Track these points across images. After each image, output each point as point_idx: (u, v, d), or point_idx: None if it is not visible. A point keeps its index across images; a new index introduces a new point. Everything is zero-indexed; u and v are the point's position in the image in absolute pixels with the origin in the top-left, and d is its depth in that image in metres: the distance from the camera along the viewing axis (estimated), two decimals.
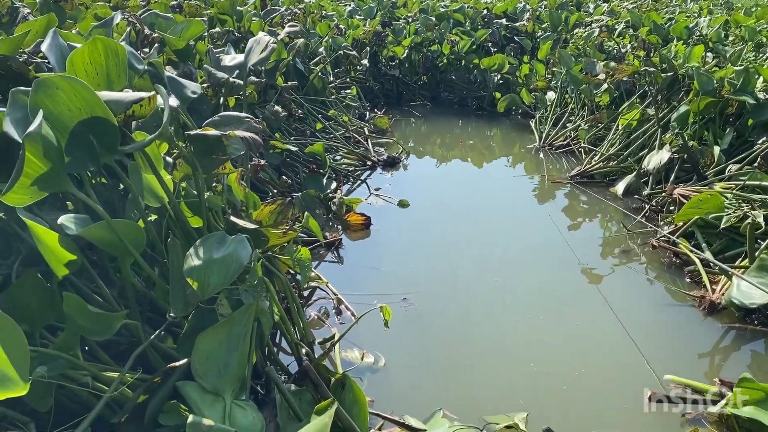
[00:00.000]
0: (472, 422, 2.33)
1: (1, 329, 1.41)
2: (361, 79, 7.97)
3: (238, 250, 1.88)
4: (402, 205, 4.63)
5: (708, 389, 2.56)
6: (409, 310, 3.19)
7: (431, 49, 8.06)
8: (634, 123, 5.45)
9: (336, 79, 7.29)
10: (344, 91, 7.19)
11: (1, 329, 1.41)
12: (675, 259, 3.80)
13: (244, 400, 1.89)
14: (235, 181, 2.41)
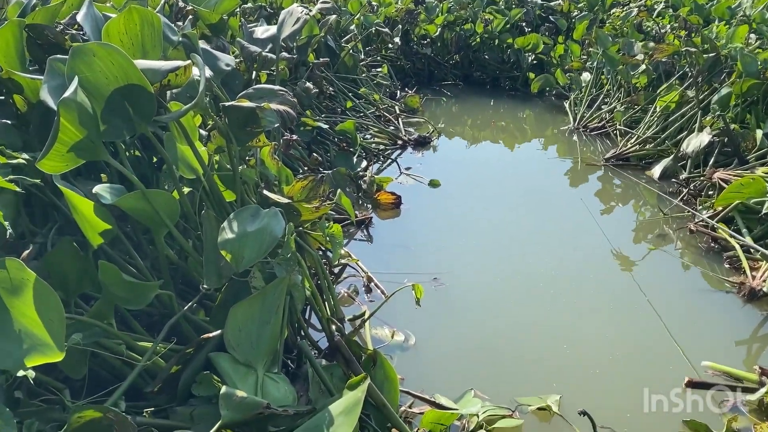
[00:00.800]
0: (503, 403, 2.30)
1: (38, 295, 1.41)
2: (393, 58, 7.90)
3: (272, 223, 1.86)
4: (433, 185, 4.58)
5: (747, 377, 2.50)
6: (439, 290, 3.16)
7: (464, 27, 7.93)
8: (672, 105, 5.31)
9: (367, 58, 7.22)
10: (375, 69, 7.13)
11: (38, 295, 1.41)
12: (713, 244, 3.70)
13: (276, 373, 1.89)
14: (269, 155, 2.39)
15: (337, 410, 1.67)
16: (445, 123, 6.65)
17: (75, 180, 2.05)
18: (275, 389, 1.82)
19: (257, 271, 1.93)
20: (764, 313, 3.03)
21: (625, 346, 2.78)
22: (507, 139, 6.33)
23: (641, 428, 2.23)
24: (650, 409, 2.38)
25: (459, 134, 6.47)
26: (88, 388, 1.79)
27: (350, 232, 3.82)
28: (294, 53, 4.71)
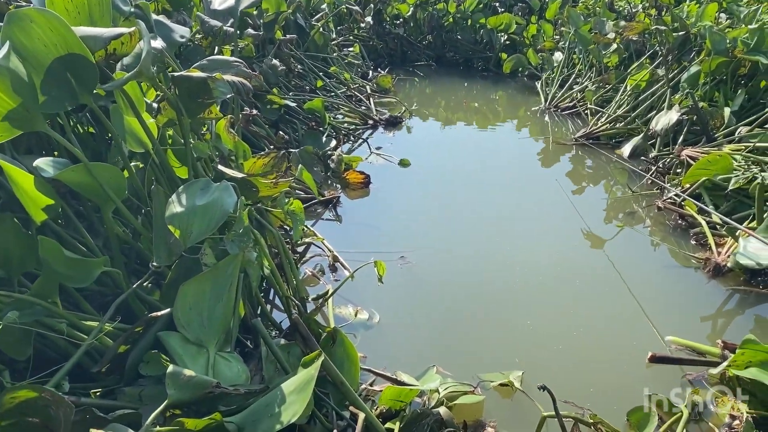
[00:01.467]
0: (466, 380, 2.27)
1: None
2: (365, 38, 7.80)
3: (223, 197, 1.80)
4: (403, 164, 4.53)
5: (710, 351, 2.50)
6: (406, 269, 3.12)
7: (437, 7, 7.86)
8: (642, 84, 5.31)
9: (338, 37, 7.12)
10: (347, 49, 7.03)
11: None
12: (681, 221, 3.70)
13: (229, 352, 1.83)
14: (224, 129, 2.31)
15: (289, 388, 1.63)
16: (417, 104, 6.59)
17: (24, 157, 1.96)
18: (227, 368, 1.76)
19: (208, 248, 1.86)
20: (728, 289, 3.04)
21: (590, 322, 2.77)
22: (479, 120, 6.29)
23: (604, 402, 2.21)
24: (614, 383, 2.37)
25: (432, 115, 6.42)
26: (38, 369, 1.72)
27: (318, 212, 3.76)
28: (260, 30, 4.61)
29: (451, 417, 1.98)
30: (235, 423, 1.57)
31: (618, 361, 2.51)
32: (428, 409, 1.94)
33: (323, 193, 3.68)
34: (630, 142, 4.86)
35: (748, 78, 4.80)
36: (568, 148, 5.12)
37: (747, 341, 2.17)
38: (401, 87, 7.00)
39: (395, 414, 1.98)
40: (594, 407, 2.15)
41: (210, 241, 1.89)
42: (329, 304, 2.58)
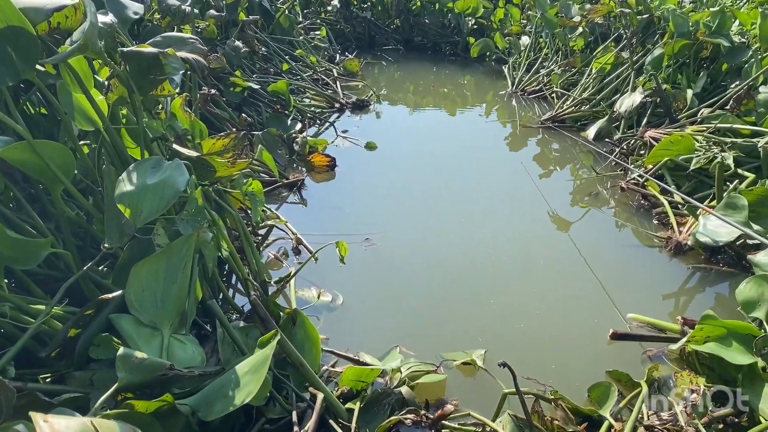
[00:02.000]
0: (429, 360, 2.26)
1: None
2: (332, 21, 7.71)
3: (174, 175, 1.74)
4: (369, 147, 4.49)
5: (671, 328, 2.52)
6: (371, 251, 3.09)
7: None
8: (607, 67, 5.34)
9: (305, 21, 7.03)
10: (313, 32, 6.94)
11: None
12: (644, 201, 3.74)
13: (184, 335, 1.79)
14: (180, 108, 2.25)
15: (244, 369, 1.59)
16: (386, 89, 6.54)
17: None
18: (182, 351, 1.72)
19: (161, 228, 1.81)
20: (689, 267, 3.08)
21: (552, 301, 2.78)
22: (447, 104, 6.27)
23: (565, 379, 2.22)
24: (576, 360, 2.38)
25: (399, 99, 6.38)
26: None
27: (282, 196, 3.71)
28: (223, 11, 4.52)
29: (413, 396, 1.97)
30: (188, 405, 1.54)
31: (580, 339, 2.52)
32: (390, 389, 1.93)
33: (287, 176, 3.63)
34: (595, 124, 4.89)
35: (710, 61, 4.86)
36: (534, 132, 5.13)
37: (706, 317, 2.20)
38: (369, 71, 6.94)
39: (357, 395, 1.96)
40: (555, 384, 2.16)
41: (162, 221, 1.84)
42: (291, 287, 2.55)
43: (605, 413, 1.98)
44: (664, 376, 2.27)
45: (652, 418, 1.98)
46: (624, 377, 2.18)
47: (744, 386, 2.08)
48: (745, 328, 2.18)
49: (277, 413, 1.85)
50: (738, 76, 4.56)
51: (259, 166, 3.50)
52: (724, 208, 2.70)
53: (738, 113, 4.05)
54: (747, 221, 2.60)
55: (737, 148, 3.52)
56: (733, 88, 4.31)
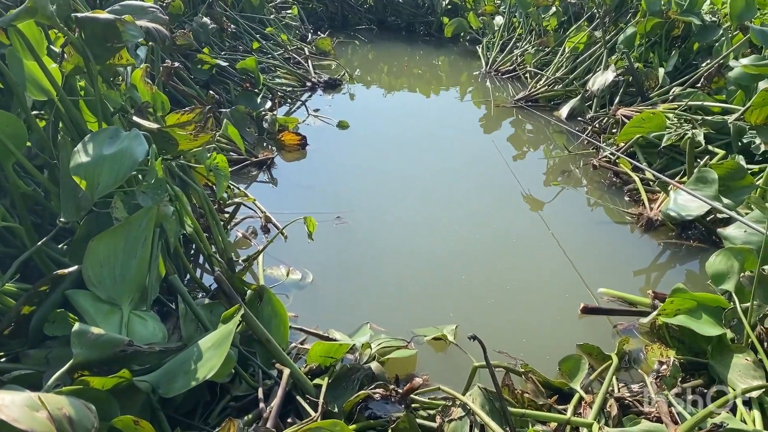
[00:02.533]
0: (400, 336, 2.23)
1: None
2: (304, 0, 7.58)
3: (133, 145, 1.68)
4: (342, 126, 4.43)
5: (641, 301, 2.53)
6: (342, 229, 3.05)
7: None
8: (580, 46, 5.33)
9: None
10: (284, 11, 6.82)
11: None
12: (615, 179, 3.75)
13: (145, 311, 1.73)
14: (141, 80, 2.17)
15: (206, 344, 1.54)
16: (359, 69, 6.46)
17: None
18: (142, 327, 1.66)
19: (119, 201, 1.74)
20: (660, 243, 3.09)
21: (524, 277, 2.77)
22: (421, 85, 6.21)
23: (536, 353, 2.21)
24: (546, 334, 2.38)
25: (372, 79, 6.31)
26: None
27: (252, 175, 3.63)
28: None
29: (383, 371, 1.93)
30: (148, 382, 1.49)
31: (551, 314, 2.51)
32: (359, 364, 1.89)
33: (256, 155, 3.55)
34: (568, 103, 4.88)
35: (681, 40, 4.87)
36: (508, 112, 5.10)
37: (676, 290, 2.20)
38: (342, 52, 6.85)
39: (325, 371, 1.91)
40: (526, 358, 2.15)
41: (121, 193, 1.77)
42: (259, 264, 2.49)
43: (576, 386, 1.97)
44: (635, 350, 2.27)
45: (622, 390, 1.98)
46: (595, 350, 2.17)
47: (713, 357, 2.09)
48: (714, 300, 2.19)
49: (243, 390, 1.81)
50: (709, 54, 4.58)
51: (227, 144, 3.43)
52: (694, 182, 2.70)
53: (709, 91, 4.07)
54: (717, 195, 2.60)
55: (708, 125, 3.53)
56: (704, 66, 4.33)
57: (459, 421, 1.72)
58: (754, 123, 3.28)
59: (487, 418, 1.67)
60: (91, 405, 1.17)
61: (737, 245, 2.34)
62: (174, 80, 3.26)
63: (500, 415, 1.73)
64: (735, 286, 2.22)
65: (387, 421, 1.73)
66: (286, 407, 1.80)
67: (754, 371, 1.94)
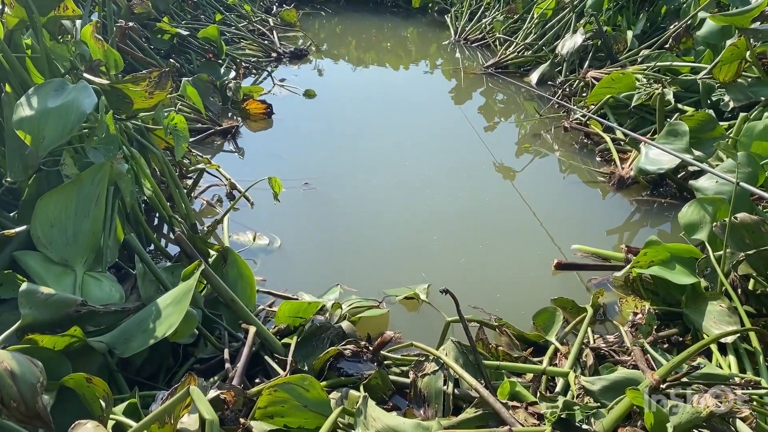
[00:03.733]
0: (372, 297, 2.18)
1: None
2: None
3: (80, 97, 1.58)
4: (308, 95, 4.33)
5: (615, 256, 2.50)
6: (311, 194, 2.97)
7: None
8: (549, 12, 5.28)
9: None
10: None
11: None
12: (587, 140, 3.72)
13: (100, 272, 1.64)
14: (91, 36, 2.06)
15: (165, 302, 1.47)
16: (327, 44, 6.31)
17: None
18: (97, 288, 1.58)
19: (68, 157, 1.65)
20: (633, 201, 3.07)
21: (497, 237, 2.73)
22: (390, 59, 6.09)
23: (511, 309, 2.17)
24: (520, 290, 2.34)
25: (341, 55, 6.17)
26: None
27: (217, 144, 3.52)
28: None
29: (354, 330, 1.87)
30: (104, 342, 1.41)
31: (525, 271, 2.48)
32: (329, 323, 1.83)
33: (220, 124, 3.44)
34: (537, 69, 4.84)
35: (649, 3, 4.84)
36: (478, 82, 5.04)
37: (650, 242, 2.17)
38: (309, 25, 6.71)
39: (294, 332, 1.85)
40: (501, 314, 2.10)
41: (70, 150, 1.68)
42: (224, 229, 2.41)
43: (551, 338, 1.94)
44: (610, 303, 2.25)
45: (598, 341, 1.95)
46: (569, 304, 2.14)
47: (687, 306, 2.07)
48: (687, 251, 2.17)
49: (209, 353, 1.74)
50: (676, 17, 4.56)
51: (189, 112, 3.32)
52: (665, 135, 2.67)
53: (677, 52, 4.05)
54: (688, 147, 2.58)
55: (677, 83, 3.51)
56: (672, 29, 4.30)
57: (432, 376, 1.67)
58: (723, 80, 3.26)
59: (461, 371, 1.62)
60: (37, 361, 1.09)
61: (709, 196, 2.32)
62: (129, 44, 3.12)
63: (474, 368, 1.69)
64: (708, 236, 2.20)
65: (359, 378, 1.68)
66: (254, 368, 1.74)
67: (729, 317, 1.92)
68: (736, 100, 3.21)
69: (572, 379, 1.67)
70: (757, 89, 3.09)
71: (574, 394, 1.62)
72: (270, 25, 5.72)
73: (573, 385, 1.66)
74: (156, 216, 2.54)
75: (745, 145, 2.44)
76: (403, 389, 1.73)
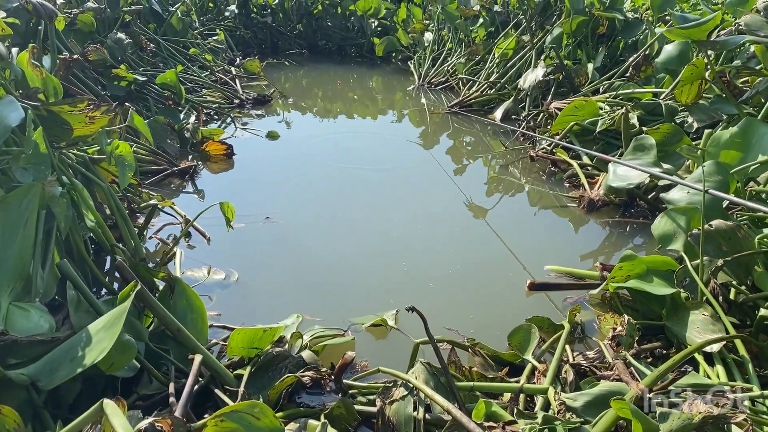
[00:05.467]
0: (336, 326, 2.03)
1: None
2: (231, 28, 7.42)
3: (4, 112, 1.46)
4: (272, 136, 4.24)
5: (589, 275, 2.41)
6: (271, 230, 2.84)
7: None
8: (509, 52, 5.34)
9: (202, 27, 6.74)
10: (211, 38, 6.65)
11: None
12: (554, 168, 3.68)
13: (29, 303, 1.48)
14: (28, 63, 1.95)
15: (97, 327, 1.32)
16: (292, 96, 6.21)
17: None
18: (24, 320, 1.42)
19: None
20: (604, 222, 3.01)
21: (467, 262, 2.62)
22: (357, 108, 6.02)
23: (484, 329, 2.04)
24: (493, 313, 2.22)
25: (304, 98, 6.11)
26: None
27: (175, 186, 3.38)
28: (103, 3, 4.20)
29: (316, 359, 1.73)
30: (26, 374, 1.25)
31: (497, 294, 2.37)
32: (287, 351, 1.68)
33: (178, 164, 3.32)
34: (501, 106, 4.84)
35: (607, 37, 4.93)
36: (444, 125, 4.97)
37: (626, 256, 2.09)
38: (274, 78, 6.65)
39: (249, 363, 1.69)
40: (474, 337, 1.97)
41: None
42: (176, 262, 2.26)
43: (528, 356, 1.81)
44: (587, 320, 2.14)
45: (578, 358, 1.82)
46: (545, 322, 2.01)
47: (669, 318, 1.97)
48: (664, 262, 2.08)
49: (153, 389, 1.58)
50: (634, 50, 4.63)
51: (145, 153, 3.20)
52: (632, 151, 2.62)
53: (638, 81, 4.08)
54: (656, 161, 2.52)
55: (640, 107, 3.51)
56: (631, 59, 4.35)
57: (402, 402, 1.53)
58: (684, 102, 3.25)
59: (432, 392, 1.48)
60: None
61: (681, 206, 2.25)
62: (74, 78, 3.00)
63: (447, 390, 1.55)
64: (683, 245, 2.12)
65: (320, 409, 1.53)
66: (205, 405, 1.57)
67: (713, 325, 1.82)
68: (700, 121, 3.20)
69: (552, 396, 1.54)
70: (720, 106, 3.08)
71: (555, 411, 1.49)
72: (233, 74, 5.68)
73: (553, 402, 1.52)
74: (107, 257, 2.39)
75: (713, 154, 2.40)
76: (370, 419, 1.58)
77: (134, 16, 4.38)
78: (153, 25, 5.31)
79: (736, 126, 2.33)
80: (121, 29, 4.39)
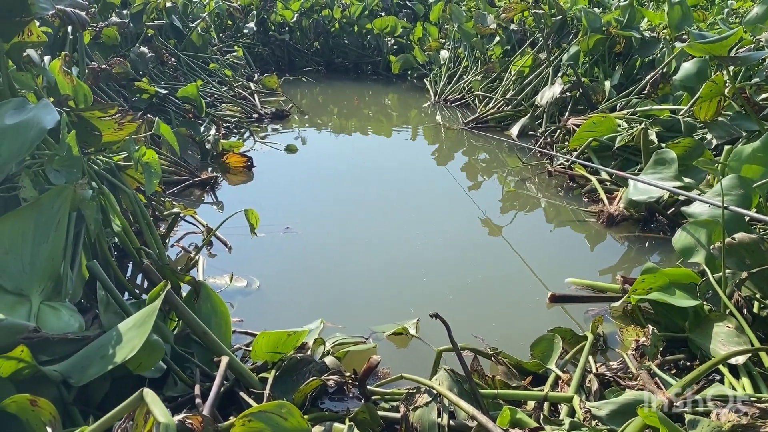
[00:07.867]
0: (358, 334, 2.04)
1: None
2: (249, 45, 7.52)
3: (40, 114, 1.49)
4: (290, 150, 4.28)
5: (611, 288, 2.40)
6: (292, 238, 2.86)
7: (322, 14, 7.73)
8: (526, 69, 5.36)
9: (221, 44, 6.83)
10: (230, 54, 6.74)
11: None
12: (572, 184, 3.67)
13: (59, 302, 1.50)
14: (60, 70, 2.00)
15: (127, 326, 1.34)
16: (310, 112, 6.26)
17: None
18: (55, 319, 1.44)
19: (27, 179, 1.54)
20: (623, 237, 3.00)
21: (488, 275, 2.62)
22: (373, 124, 6.05)
23: (506, 340, 2.04)
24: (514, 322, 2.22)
25: (322, 114, 6.17)
26: None
27: (195, 196, 3.41)
28: (127, 18, 4.28)
29: (338, 365, 1.73)
30: (58, 371, 1.26)
31: (518, 305, 2.36)
32: (311, 356, 1.69)
33: (199, 175, 3.36)
34: (518, 122, 4.86)
35: (624, 56, 4.94)
36: (460, 142, 4.99)
37: (647, 269, 2.08)
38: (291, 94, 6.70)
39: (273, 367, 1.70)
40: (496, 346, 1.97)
41: (29, 171, 1.57)
42: (199, 269, 2.29)
43: (551, 366, 1.80)
44: (610, 332, 2.13)
45: (601, 368, 1.81)
46: (567, 334, 2.01)
47: (692, 331, 1.96)
48: (686, 275, 2.07)
49: (179, 391, 1.58)
50: (651, 68, 4.63)
51: (167, 164, 3.24)
52: (653, 165, 2.62)
53: (655, 98, 4.08)
54: (678, 174, 2.52)
55: (659, 123, 3.51)
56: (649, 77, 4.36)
57: (425, 408, 1.53)
58: (704, 119, 3.25)
59: (457, 398, 1.48)
60: None
61: (702, 219, 2.25)
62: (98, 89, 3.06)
63: (470, 397, 1.55)
64: (705, 258, 2.11)
65: (345, 413, 1.53)
66: (229, 407, 1.58)
67: (738, 337, 1.81)
68: (719, 137, 3.19)
69: (577, 404, 1.53)
70: (740, 122, 3.08)
71: (581, 419, 1.48)
72: (251, 89, 5.74)
73: (578, 411, 1.52)
74: (129, 264, 2.42)
75: (734, 169, 2.39)
76: (394, 425, 1.57)
77: (156, 31, 4.45)
78: (173, 40, 5.41)
79: (759, 140, 2.33)
80: (143, 44, 4.47)
